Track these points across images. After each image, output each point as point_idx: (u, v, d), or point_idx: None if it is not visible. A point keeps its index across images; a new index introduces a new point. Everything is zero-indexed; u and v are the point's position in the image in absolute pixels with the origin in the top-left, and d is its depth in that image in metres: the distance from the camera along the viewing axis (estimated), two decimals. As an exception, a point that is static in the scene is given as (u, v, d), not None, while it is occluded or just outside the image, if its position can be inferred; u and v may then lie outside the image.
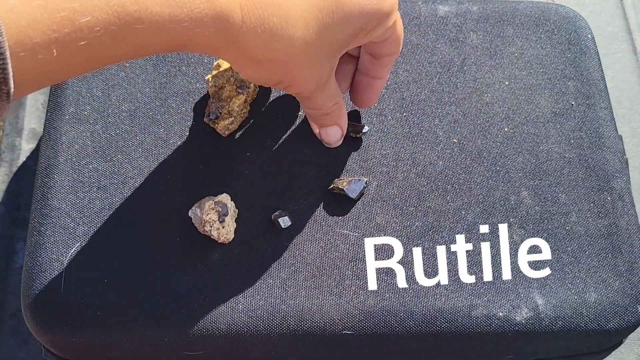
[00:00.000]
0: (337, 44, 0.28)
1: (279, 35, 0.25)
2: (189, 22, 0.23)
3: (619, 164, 0.38)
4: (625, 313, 0.34)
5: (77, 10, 0.20)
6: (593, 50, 0.41)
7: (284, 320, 0.33)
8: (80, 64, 0.21)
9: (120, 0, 0.21)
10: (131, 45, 0.22)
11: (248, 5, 0.24)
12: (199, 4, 0.23)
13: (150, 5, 0.21)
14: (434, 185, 0.36)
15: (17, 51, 0.19)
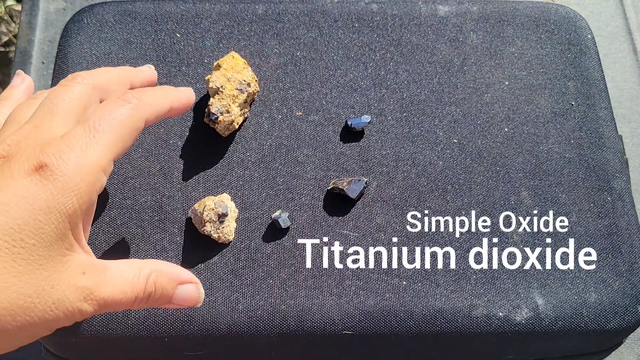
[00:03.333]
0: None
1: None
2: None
3: (619, 164, 0.38)
4: (626, 313, 0.34)
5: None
6: (593, 51, 0.41)
7: (284, 320, 0.33)
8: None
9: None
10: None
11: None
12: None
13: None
14: (434, 185, 0.36)
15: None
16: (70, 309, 0.23)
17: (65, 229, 0.23)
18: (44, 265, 0.22)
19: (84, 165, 0.24)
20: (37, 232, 0.22)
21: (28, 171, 0.23)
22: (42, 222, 0.22)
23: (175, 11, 0.41)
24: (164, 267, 0.27)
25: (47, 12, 0.48)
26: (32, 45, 0.47)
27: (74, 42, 0.39)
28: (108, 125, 0.25)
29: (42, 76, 0.46)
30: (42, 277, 0.22)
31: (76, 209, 0.23)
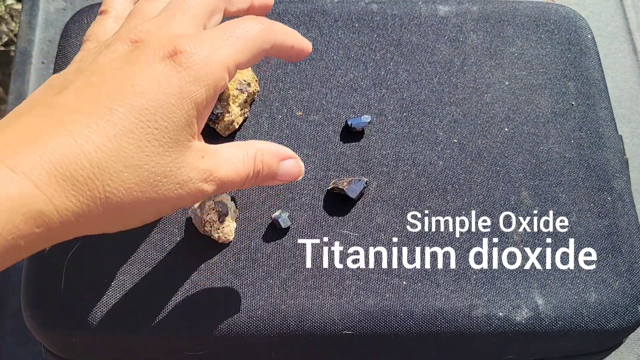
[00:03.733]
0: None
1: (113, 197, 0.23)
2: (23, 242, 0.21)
3: (619, 164, 0.38)
4: (626, 313, 0.34)
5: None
6: (593, 50, 0.41)
7: (284, 320, 0.33)
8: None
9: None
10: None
11: (57, 195, 0.21)
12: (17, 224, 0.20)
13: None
14: (434, 185, 0.36)
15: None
16: (193, 189, 0.25)
17: (192, 116, 0.24)
18: (173, 148, 0.24)
19: (214, 60, 0.25)
20: (169, 115, 0.23)
21: (162, 57, 0.24)
22: (174, 106, 0.24)
23: (175, 11, 0.41)
24: (266, 146, 0.28)
25: (47, 12, 0.48)
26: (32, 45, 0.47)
27: (74, 42, 0.39)
28: (241, 34, 0.26)
29: (42, 76, 0.46)
30: (171, 159, 0.24)
31: (204, 99, 0.25)
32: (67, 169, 0.21)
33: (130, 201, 0.23)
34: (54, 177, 0.21)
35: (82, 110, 0.22)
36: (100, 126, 0.22)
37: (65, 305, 0.32)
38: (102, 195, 0.22)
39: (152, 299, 0.33)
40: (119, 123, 0.22)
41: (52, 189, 0.21)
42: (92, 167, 0.22)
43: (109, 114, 0.22)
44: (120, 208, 0.23)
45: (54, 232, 0.22)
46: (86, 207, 0.22)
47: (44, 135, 0.21)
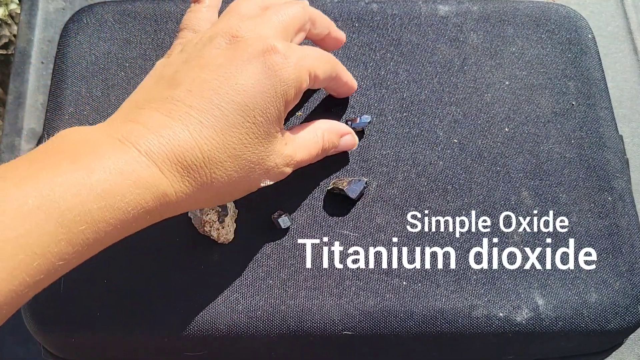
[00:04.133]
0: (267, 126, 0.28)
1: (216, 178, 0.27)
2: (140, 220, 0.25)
3: (620, 164, 0.38)
4: (626, 313, 0.34)
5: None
6: (594, 50, 0.41)
7: (284, 321, 0.33)
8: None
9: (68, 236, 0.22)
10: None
11: (177, 180, 0.26)
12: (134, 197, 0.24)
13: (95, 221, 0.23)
14: (434, 185, 0.36)
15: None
16: (277, 172, 0.30)
17: (282, 112, 0.28)
18: (265, 139, 0.28)
19: (302, 65, 0.29)
20: (264, 111, 0.27)
21: (259, 55, 0.27)
22: (269, 103, 0.27)
23: (175, 11, 0.41)
24: (328, 125, 0.34)
25: (47, 12, 0.48)
26: (31, 45, 0.47)
27: (73, 42, 0.39)
28: (323, 54, 0.31)
29: (42, 76, 0.46)
30: (262, 148, 0.28)
31: (292, 98, 0.28)
32: (185, 159, 0.25)
33: (229, 185, 0.27)
34: (175, 164, 0.25)
35: (195, 106, 0.26)
36: (210, 121, 0.26)
37: (65, 305, 0.32)
38: (209, 180, 0.26)
39: (152, 299, 0.33)
40: (225, 119, 0.26)
41: (173, 174, 0.25)
42: (204, 157, 0.26)
43: (217, 110, 0.26)
44: (220, 190, 0.27)
45: (169, 209, 0.26)
46: (196, 190, 0.26)
47: (166, 127, 0.25)
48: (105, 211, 0.23)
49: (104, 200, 0.23)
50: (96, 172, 0.23)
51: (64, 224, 0.22)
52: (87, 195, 0.22)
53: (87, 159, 0.23)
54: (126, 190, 0.23)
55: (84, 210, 0.22)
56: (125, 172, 0.23)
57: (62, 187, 0.22)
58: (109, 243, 0.25)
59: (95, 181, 0.23)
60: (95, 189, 0.22)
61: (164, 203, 0.25)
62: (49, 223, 0.21)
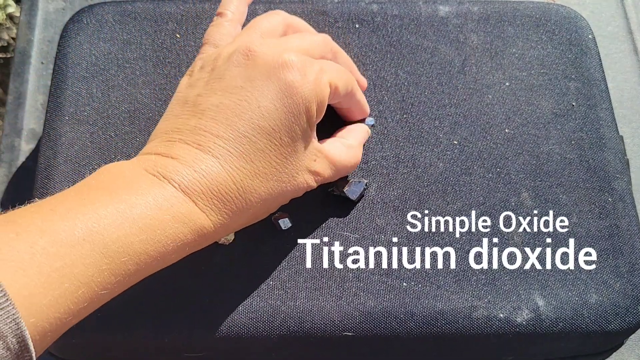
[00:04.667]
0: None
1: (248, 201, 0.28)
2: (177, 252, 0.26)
3: (620, 165, 0.38)
4: (627, 314, 0.34)
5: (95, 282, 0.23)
6: (594, 51, 0.41)
7: (284, 322, 0.32)
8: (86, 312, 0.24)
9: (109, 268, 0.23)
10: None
11: (213, 213, 0.26)
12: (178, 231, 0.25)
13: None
14: (435, 187, 0.36)
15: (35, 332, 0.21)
16: (305, 187, 0.30)
17: (308, 129, 0.29)
18: (293, 156, 0.28)
19: (322, 77, 0.29)
20: (289, 131, 0.28)
21: (277, 71, 0.27)
22: (292, 122, 0.27)
23: (175, 11, 0.41)
24: (363, 138, 0.36)
25: (47, 12, 0.48)
26: (31, 45, 0.47)
27: (73, 42, 0.39)
28: (343, 70, 0.32)
29: (42, 76, 0.46)
30: (291, 167, 0.28)
31: (314, 113, 0.28)
32: (220, 191, 0.26)
33: (262, 207, 0.28)
34: (210, 198, 0.26)
35: (222, 136, 0.27)
36: (239, 150, 0.27)
37: (65, 306, 0.32)
38: (244, 208, 0.27)
39: (152, 300, 0.33)
40: (252, 145, 0.27)
41: (209, 208, 0.26)
42: (237, 187, 0.26)
43: (244, 138, 0.27)
44: (254, 214, 0.29)
45: (207, 239, 0.27)
46: (232, 218, 0.27)
47: (198, 161, 0.26)
48: (146, 244, 0.24)
49: (145, 233, 0.24)
50: (137, 207, 0.24)
51: (108, 255, 0.22)
52: (129, 228, 0.23)
53: (127, 194, 0.24)
54: (166, 224, 0.24)
55: (126, 243, 0.23)
56: (164, 207, 0.24)
57: (106, 220, 0.23)
58: (149, 273, 0.26)
59: (137, 215, 0.24)
60: (137, 222, 0.23)
61: (202, 235, 0.26)
62: (94, 254, 0.22)
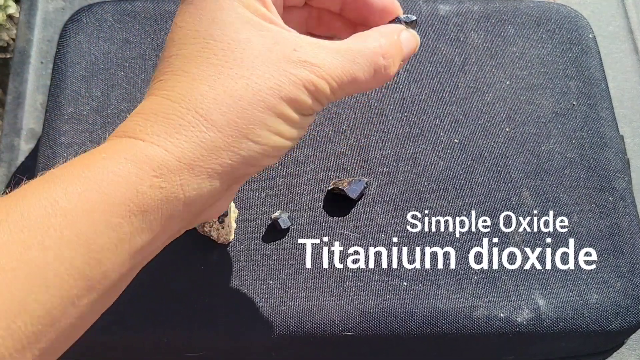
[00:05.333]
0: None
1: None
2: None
3: (621, 164, 0.38)
4: (627, 314, 0.34)
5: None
6: (594, 50, 0.41)
7: (284, 322, 0.32)
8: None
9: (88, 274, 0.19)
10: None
11: (161, 137, 0.20)
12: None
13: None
14: (435, 185, 0.36)
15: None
16: (299, 84, 0.21)
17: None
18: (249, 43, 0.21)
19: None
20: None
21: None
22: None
23: (174, 10, 0.40)
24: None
25: (46, 12, 0.48)
26: (30, 45, 0.47)
27: (72, 41, 0.39)
28: None
29: (41, 76, 0.46)
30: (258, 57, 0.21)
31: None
32: (155, 110, 0.21)
33: (230, 125, 0.20)
34: (146, 120, 0.21)
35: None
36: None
37: (64, 306, 0.32)
38: (201, 121, 0.20)
39: (152, 299, 0.33)
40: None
41: (152, 133, 0.21)
42: (178, 94, 0.21)
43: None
44: (226, 138, 0.20)
45: (183, 188, 0.20)
46: (196, 142, 0.20)
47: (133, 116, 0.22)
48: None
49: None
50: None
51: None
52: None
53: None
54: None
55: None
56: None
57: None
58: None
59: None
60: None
61: (167, 179, 0.20)
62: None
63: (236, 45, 0.20)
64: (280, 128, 0.21)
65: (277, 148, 0.21)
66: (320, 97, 0.21)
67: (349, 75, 0.22)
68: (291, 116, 0.21)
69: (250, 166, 0.21)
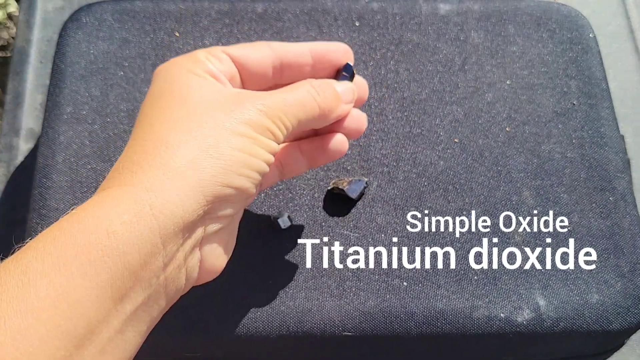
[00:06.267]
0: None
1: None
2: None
3: (621, 164, 0.38)
4: (628, 314, 0.34)
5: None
6: (595, 50, 0.41)
7: (284, 322, 0.32)
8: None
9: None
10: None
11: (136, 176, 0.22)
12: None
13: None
14: (435, 185, 0.36)
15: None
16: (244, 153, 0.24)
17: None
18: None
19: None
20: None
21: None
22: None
23: (174, 10, 0.40)
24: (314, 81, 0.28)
25: (45, 11, 0.48)
26: (29, 45, 0.46)
27: (72, 41, 0.39)
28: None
29: (40, 75, 0.46)
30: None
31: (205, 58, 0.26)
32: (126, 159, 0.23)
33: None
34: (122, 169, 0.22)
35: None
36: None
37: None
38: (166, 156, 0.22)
39: (151, 300, 0.32)
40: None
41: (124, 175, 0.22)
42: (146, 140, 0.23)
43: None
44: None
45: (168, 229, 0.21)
46: (166, 176, 0.22)
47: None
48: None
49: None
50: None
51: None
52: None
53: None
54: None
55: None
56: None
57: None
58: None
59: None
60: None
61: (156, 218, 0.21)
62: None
63: (191, 98, 0.24)
64: (247, 148, 0.24)
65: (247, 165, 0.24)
66: (273, 116, 0.25)
67: (290, 95, 0.25)
68: (252, 135, 0.24)
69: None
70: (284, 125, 0.25)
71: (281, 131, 0.25)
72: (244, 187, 0.24)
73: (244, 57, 0.27)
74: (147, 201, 0.21)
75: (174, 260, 0.22)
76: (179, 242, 0.22)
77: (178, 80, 0.24)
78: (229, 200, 0.24)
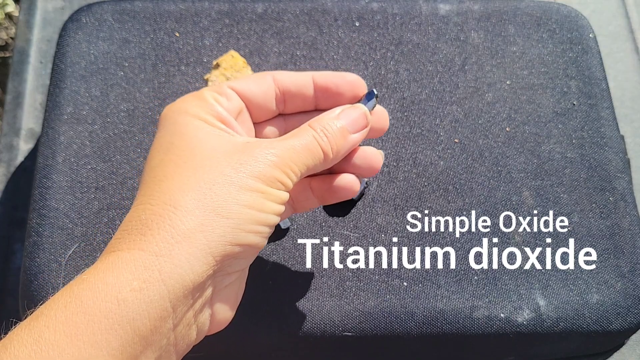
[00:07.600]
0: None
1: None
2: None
3: (621, 164, 0.38)
4: (628, 314, 0.34)
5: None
6: (595, 50, 0.41)
7: (284, 322, 0.32)
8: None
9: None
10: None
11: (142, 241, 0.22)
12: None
13: None
14: (435, 185, 0.36)
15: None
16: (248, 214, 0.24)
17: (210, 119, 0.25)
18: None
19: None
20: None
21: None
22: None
23: (174, 10, 0.40)
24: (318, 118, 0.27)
25: (45, 11, 0.48)
26: (29, 45, 0.46)
27: (72, 41, 0.39)
28: None
29: (40, 75, 0.46)
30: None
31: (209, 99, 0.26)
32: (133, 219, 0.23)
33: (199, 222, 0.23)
34: (126, 235, 0.23)
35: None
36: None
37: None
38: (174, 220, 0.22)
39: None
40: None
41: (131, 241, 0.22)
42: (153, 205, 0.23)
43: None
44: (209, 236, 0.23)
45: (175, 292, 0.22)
46: (174, 239, 0.22)
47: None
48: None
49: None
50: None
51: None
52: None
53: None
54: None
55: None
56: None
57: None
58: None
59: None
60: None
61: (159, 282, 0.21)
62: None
63: (200, 149, 0.24)
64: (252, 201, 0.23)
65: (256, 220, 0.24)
66: (283, 166, 0.24)
67: (297, 142, 0.25)
68: (262, 189, 0.24)
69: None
70: (294, 173, 0.25)
71: (291, 179, 0.25)
72: (253, 243, 0.24)
73: (249, 92, 0.27)
74: (157, 267, 0.21)
75: (184, 319, 0.23)
76: (189, 303, 0.22)
77: (185, 131, 0.24)
78: (239, 257, 0.24)
